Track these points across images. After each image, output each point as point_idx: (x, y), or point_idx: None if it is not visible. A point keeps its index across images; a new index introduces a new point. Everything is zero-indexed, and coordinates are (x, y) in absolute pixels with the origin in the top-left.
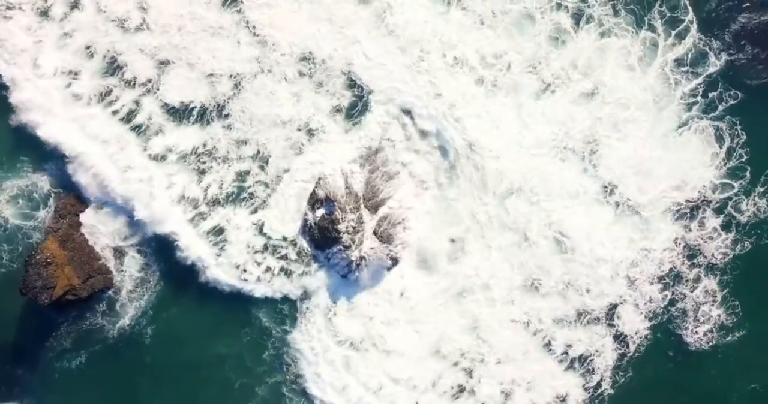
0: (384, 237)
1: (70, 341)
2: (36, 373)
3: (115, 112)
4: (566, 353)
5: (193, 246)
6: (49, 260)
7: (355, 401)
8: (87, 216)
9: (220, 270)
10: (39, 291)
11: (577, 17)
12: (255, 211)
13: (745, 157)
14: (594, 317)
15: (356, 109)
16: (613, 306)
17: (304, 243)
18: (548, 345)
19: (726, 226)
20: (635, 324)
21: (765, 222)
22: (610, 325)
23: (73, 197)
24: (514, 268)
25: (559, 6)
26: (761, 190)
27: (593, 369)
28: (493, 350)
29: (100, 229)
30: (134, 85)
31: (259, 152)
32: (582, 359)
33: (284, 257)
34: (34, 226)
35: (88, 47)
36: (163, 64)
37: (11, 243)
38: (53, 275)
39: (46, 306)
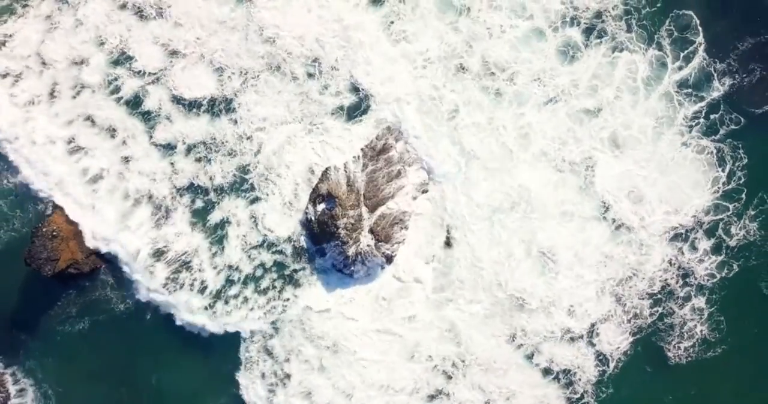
0: (381, 235)
1: (74, 309)
2: (38, 338)
3: (120, 101)
4: (549, 366)
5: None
6: (54, 233)
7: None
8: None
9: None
10: (43, 262)
11: (589, 32)
12: (253, 202)
13: (742, 180)
14: (578, 335)
15: (360, 110)
16: (596, 325)
17: (301, 238)
18: (531, 356)
19: (716, 249)
20: (617, 342)
21: (754, 244)
22: (592, 344)
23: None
24: (501, 283)
25: (572, 21)
26: (752, 212)
27: (575, 381)
28: (475, 358)
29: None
30: (144, 74)
31: (262, 147)
32: (565, 372)
33: (280, 252)
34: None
35: (99, 35)
36: (174, 55)
37: (23, 210)
38: (58, 248)
39: (49, 277)
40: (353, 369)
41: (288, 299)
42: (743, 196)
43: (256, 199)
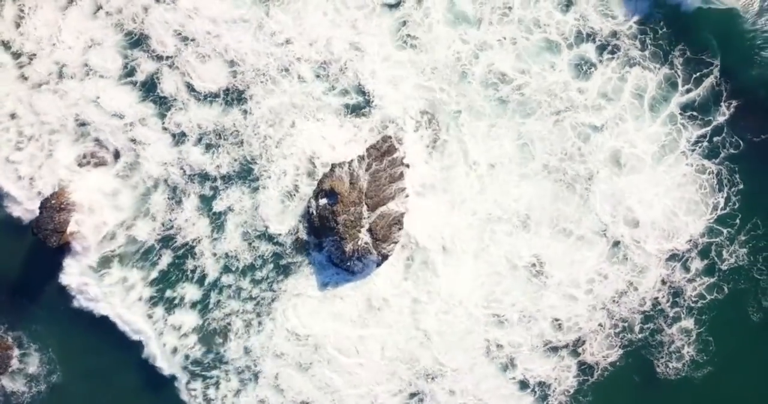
0: (379, 235)
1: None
2: (42, 306)
3: (135, 85)
4: (525, 378)
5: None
6: (62, 206)
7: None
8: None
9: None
10: (49, 233)
11: (603, 48)
12: (255, 191)
13: (737, 205)
14: (561, 345)
15: (365, 110)
16: (582, 337)
17: (300, 230)
18: (506, 368)
19: (708, 271)
20: (604, 354)
21: (743, 268)
22: (576, 353)
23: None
24: (489, 296)
25: (587, 37)
26: (743, 238)
27: (549, 394)
28: (451, 368)
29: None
30: (159, 59)
31: (267, 139)
32: (541, 384)
33: (278, 243)
34: None
35: (117, 18)
36: (188, 42)
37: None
38: (65, 220)
39: (55, 248)
40: (333, 366)
41: (276, 291)
42: (737, 220)
43: (258, 189)
